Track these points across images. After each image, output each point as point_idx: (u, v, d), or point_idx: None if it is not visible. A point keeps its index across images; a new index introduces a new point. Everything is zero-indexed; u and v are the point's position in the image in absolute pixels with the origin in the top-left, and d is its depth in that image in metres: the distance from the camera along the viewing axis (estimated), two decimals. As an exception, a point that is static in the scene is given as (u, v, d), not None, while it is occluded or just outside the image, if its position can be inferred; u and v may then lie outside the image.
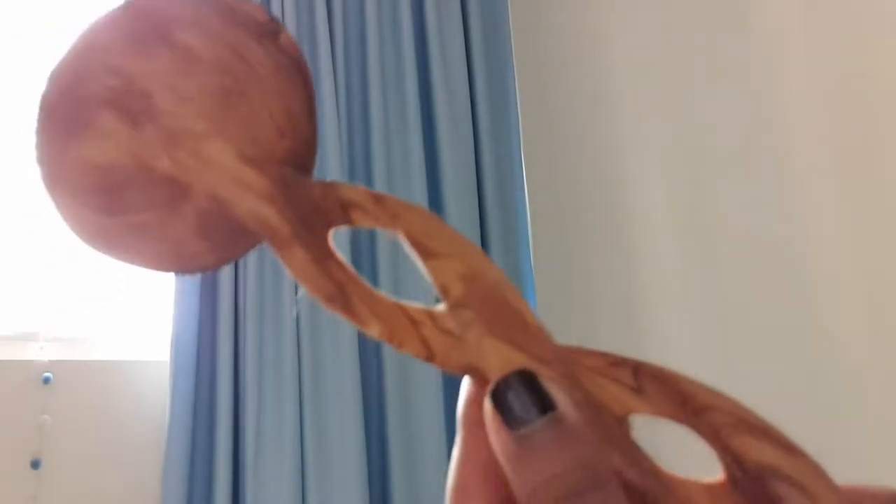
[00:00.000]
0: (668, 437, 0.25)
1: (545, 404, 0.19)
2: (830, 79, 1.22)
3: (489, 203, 1.94)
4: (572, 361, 0.22)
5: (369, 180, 1.84)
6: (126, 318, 1.76)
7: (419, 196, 1.84)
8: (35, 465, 1.54)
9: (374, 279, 1.77)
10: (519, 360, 0.22)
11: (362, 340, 1.75)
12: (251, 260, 1.69)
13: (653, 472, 0.21)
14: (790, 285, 1.26)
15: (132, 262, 0.26)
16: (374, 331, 0.24)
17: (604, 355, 0.23)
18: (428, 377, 1.75)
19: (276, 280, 1.70)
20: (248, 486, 1.58)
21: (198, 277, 1.67)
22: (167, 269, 0.25)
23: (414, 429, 1.73)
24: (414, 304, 0.24)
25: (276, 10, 1.82)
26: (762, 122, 1.33)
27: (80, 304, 1.72)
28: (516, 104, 2.04)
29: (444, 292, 0.24)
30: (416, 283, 0.27)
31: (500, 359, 0.22)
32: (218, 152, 0.24)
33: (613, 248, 1.66)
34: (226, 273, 1.68)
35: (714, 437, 0.21)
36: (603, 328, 1.68)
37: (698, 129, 1.47)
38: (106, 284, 1.75)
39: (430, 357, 0.23)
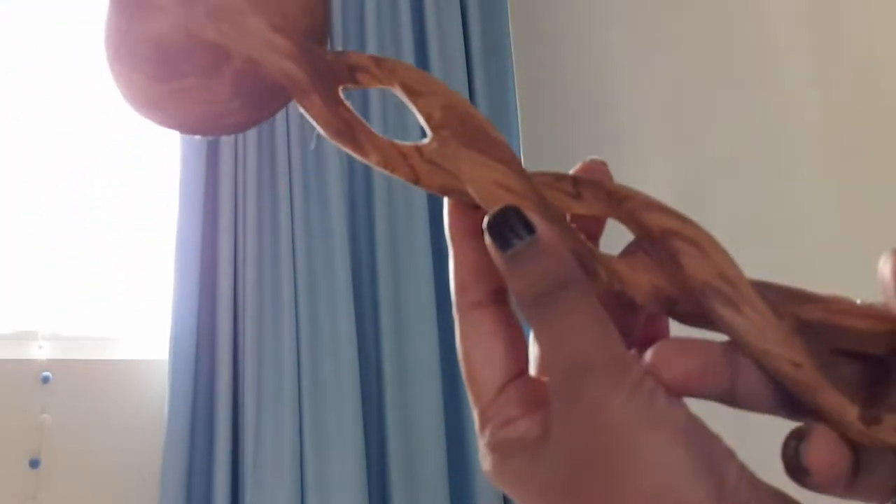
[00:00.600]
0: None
1: (528, 228, 0.26)
2: (829, 80, 1.22)
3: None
4: (529, 174, 0.28)
5: (369, 185, 1.84)
6: (125, 317, 1.76)
7: (418, 199, 1.84)
8: (34, 464, 1.54)
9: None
10: (492, 173, 0.28)
11: (362, 340, 1.75)
12: (250, 261, 1.69)
13: (587, 247, 0.28)
14: (788, 281, 1.26)
15: (175, 124, 0.30)
16: (372, 159, 0.29)
17: (549, 173, 0.29)
18: (427, 377, 1.75)
19: (274, 281, 1.70)
20: (246, 484, 1.58)
21: (196, 277, 1.67)
22: (205, 131, 0.30)
23: (413, 429, 1.73)
24: (406, 143, 0.29)
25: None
26: (761, 124, 1.33)
27: (78, 304, 1.72)
28: (516, 108, 2.04)
29: (428, 119, 0.29)
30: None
31: (475, 168, 0.28)
32: (255, 23, 0.29)
33: (614, 250, 1.66)
34: (225, 273, 1.68)
35: (629, 217, 0.28)
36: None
37: (698, 132, 1.47)
38: (105, 284, 1.75)
39: (416, 180, 0.29)
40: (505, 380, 0.27)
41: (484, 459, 0.27)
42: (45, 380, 1.59)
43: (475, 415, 0.28)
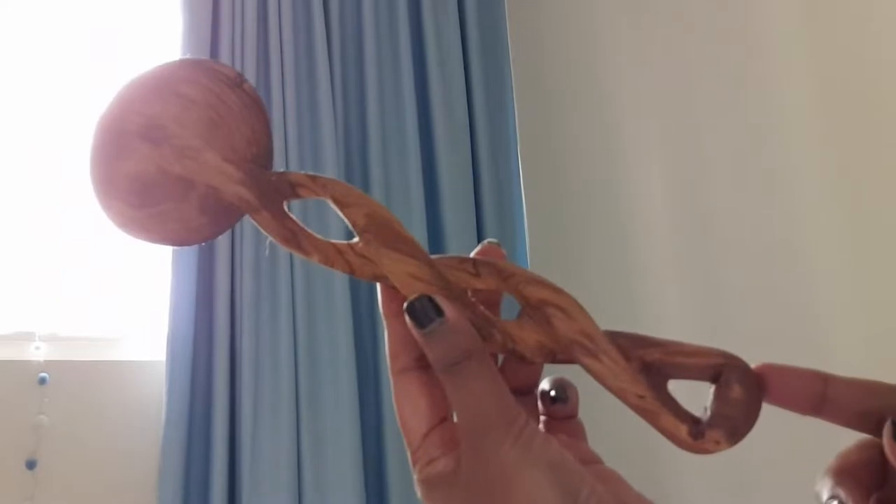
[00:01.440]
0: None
1: (438, 311, 0.33)
2: (827, 81, 1.22)
3: (486, 208, 1.93)
4: (437, 263, 0.35)
5: (366, 186, 1.84)
6: (122, 318, 1.76)
7: (415, 190, 1.84)
8: (31, 465, 1.54)
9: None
10: (406, 266, 0.35)
11: (359, 342, 1.75)
12: (247, 261, 1.69)
13: (485, 316, 0.35)
14: (787, 286, 1.26)
15: (155, 240, 0.37)
16: (315, 258, 0.36)
17: (455, 257, 0.36)
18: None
19: (271, 281, 1.70)
20: (244, 485, 1.58)
21: (194, 279, 1.67)
22: (180, 243, 0.37)
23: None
24: (340, 242, 0.37)
25: (272, 20, 1.82)
26: (760, 123, 1.33)
27: (76, 305, 1.72)
28: (513, 107, 2.04)
29: (354, 224, 0.37)
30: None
31: (393, 263, 0.35)
32: (210, 157, 0.37)
33: (611, 252, 1.66)
34: (222, 274, 1.68)
35: (515, 289, 0.35)
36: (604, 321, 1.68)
37: (696, 131, 1.48)
38: (102, 285, 1.75)
39: (351, 271, 0.36)
40: (428, 427, 0.35)
41: (417, 490, 0.34)
42: (42, 381, 1.58)
43: (409, 456, 0.35)
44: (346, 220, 0.37)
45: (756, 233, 1.33)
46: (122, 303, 1.76)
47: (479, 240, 1.92)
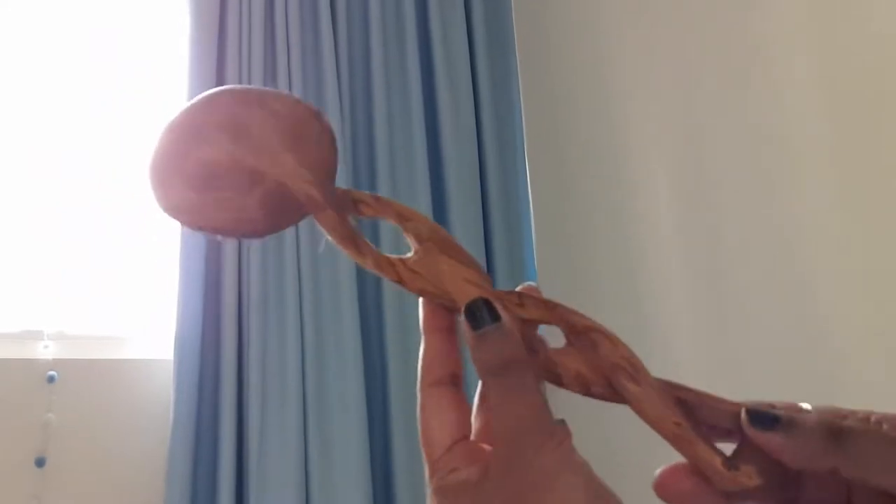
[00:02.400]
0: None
1: (494, 316, 0.34)
2: (833, 78, 1.22)
3: (493, 209, 1.93)
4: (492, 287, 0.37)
5: (373, 183, 1.84)
6: (130, 316, 1.77)
7: (422, 192, 1.84)
8: (39, 463, 1.55)
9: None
10: (463, 272, 0.37)
11: (366, 340, 1.75)
12: (255, 259, 1.69)
13: (532, 335, 0.36)
14: (793, 286, 1.26)
15: (202, 224, 0.39)
16: (368, 262, 0.38)
17: (499, 290, 0.37)
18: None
19: (279, 280, 1.70)
20: (251, 484, 1.58)
21: (202, 278, 1.67)
22: (228, 233, 0.39)
23: (417, 428, 1.73)
24: (394, 255, 0.39)
25: (279, 14, 1.82)
26: (765, 123, 1.33)
27: (84, 303, 1.73)
28: (520, 107, 2.04)
29: (417, 235, 0.39)
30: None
31: (451, 268, 0.37)
32: (287, 159, 0.39)
33: (617, 254, 1.66)
34: (229, 272, 1.68)
35: (560, 319, 0.37)
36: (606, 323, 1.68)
37: (702, 129, 1.47)
38: (110, 283, 1.75)
39: (400, 282, 0.38)
40: (452, 441, 0.36)
41: (431, 500, 0.35)
42: (51, 379, 1.59)
43: (426, 468, 0.36)
44: (408, 235, 0.39)
45: (762, 233, 1.32)
46: (129, 301, 1.77)
47: (487, 242, 1.92)
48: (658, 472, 0.34)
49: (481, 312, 0.34)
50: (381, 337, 1.77)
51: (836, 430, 0.31)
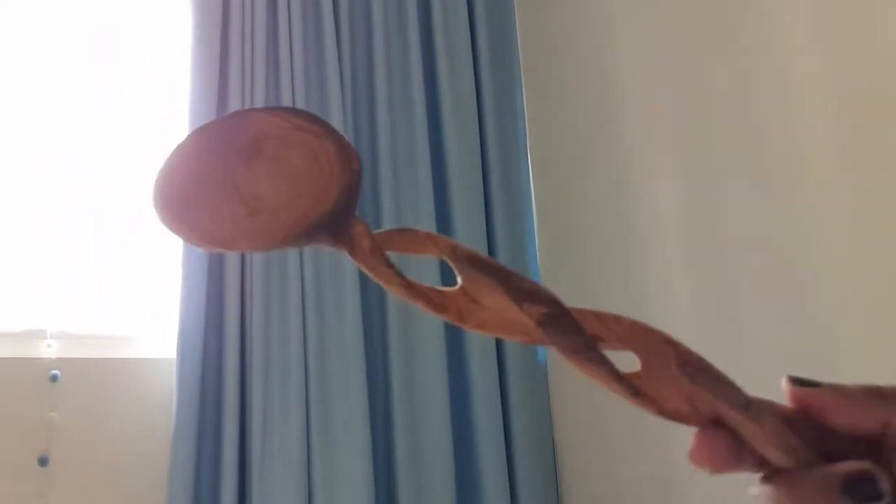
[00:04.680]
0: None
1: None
2: (840, 79, 1.22)
3: (495, 210, 1.93)
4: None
5: (375, 178, 1.84)
6: (133, 315, 1.77)
7: (424, 193, 1.84)
8: (43, 461, 1.55)
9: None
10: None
11: (368, 336, 1.75)
12: (257, 258, 1.69)
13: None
14: (794, 286, 1.26)
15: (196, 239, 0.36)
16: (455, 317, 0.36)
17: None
18: (433, 376, 1.75)
19: (282, 279, 1.70)
20: (254, 483, 1.58)
21: (204, 277, 1.67)
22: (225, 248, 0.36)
23: (420, 429, 1.73)
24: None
25: (282, 13, 1.82)
26: (771, 124, 1.33)
27: (87, 302, 1.73)
28: (523, 104, 2.04)
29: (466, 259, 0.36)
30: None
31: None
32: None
33: (620, 249, 1.66)
34: (232, 272, 1.68)
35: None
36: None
37: (705, 128, 1.47)
38: (113, 282, 1.75)
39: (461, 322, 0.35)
40: None
41: None
42: (54, 378, 1.59)
43: None
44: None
45: (764, 232, 1.32)
46: (132, 300, 1.77)
47: (490, 242, 1.91)
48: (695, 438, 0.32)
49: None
50: (383, 336, 1.77)
51: (880, 390, 0.29)
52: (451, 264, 0.36)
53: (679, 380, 0.32)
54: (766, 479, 0.30)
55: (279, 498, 1.58)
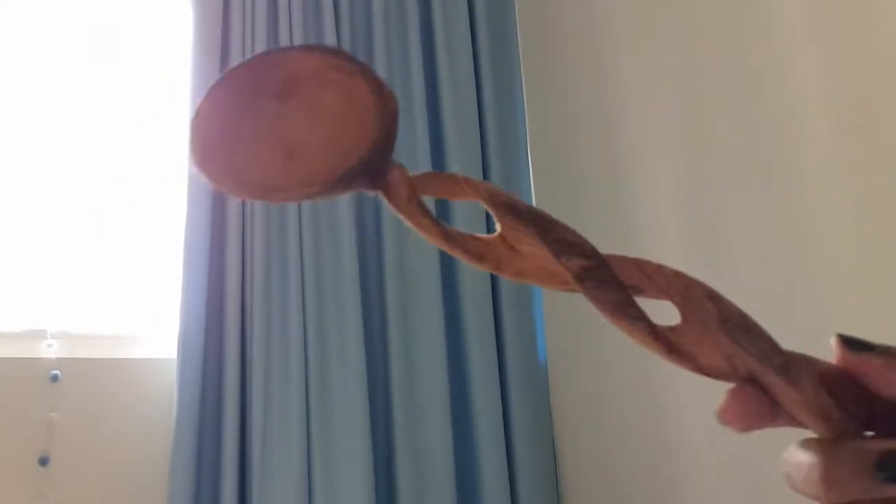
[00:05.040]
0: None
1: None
2: (839, 78, 1.22)
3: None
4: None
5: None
6: (133, 315, 1.77)
7: (427, 201, 1.84)
8: (43, 462, 1.55)
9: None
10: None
11: (369, 339, 1.75)
12: (258, 259, 1.69)
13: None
14: (796, 287, 1.26)
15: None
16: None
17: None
18: (434, 376, 1.75)
19: (282, 279, 1.70)
20: (254, 483, 1.58)
21: (205, 277, 1.67)
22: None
23: (420, 429, 1.73)
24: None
25: (283, 9, 1.82)
26: (770, 124, 1.33)
27: (87, 302, 1.73)
28: (523, 105, 2.04)
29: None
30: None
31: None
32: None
33: (621, 250, 1.66)
34: (233, 272, 1.68)
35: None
36: (610, 334, 1.68)
37: (706, 128, 1.47)
38: (113, 282, 1.75)
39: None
40: None
41: None
42: (54, 378, 1.59)
43: None
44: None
45: (766, 231, 1.32)
46: (133, 300, 1.77)
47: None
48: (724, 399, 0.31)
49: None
50: (384, 336, 1.77)
51: None
52: (490, 211, 0.35)
53: (718, 336, 0.32)
54: (802, 445, 0.29)
55: (279, 498, 1.58)
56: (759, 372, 0.30)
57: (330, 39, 1.84)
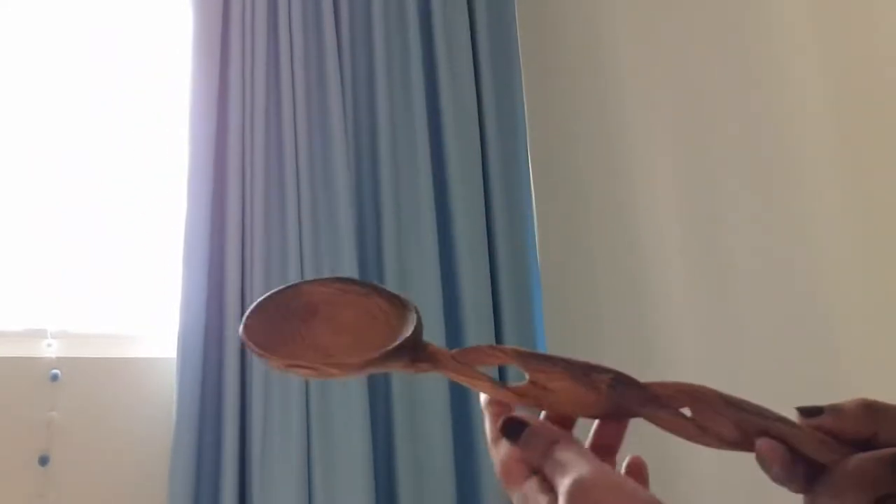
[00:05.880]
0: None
1: (521, 424, 0.42)
2: (839, 77, 1.22)
3: (496, 213, 1.93)
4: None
5: (376, 181, 1.84)
6: (133, 315, 1.77)
7: (425, 195, 1.84)
8: (43, 461, 1.55)
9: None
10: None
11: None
12: (257, 257, 1.69)
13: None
14: (796, 288, 1.26)
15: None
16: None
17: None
18: (434, 376, 1.75)
19: (282, 277, 1.70)
20: (254, 482, 1.58)
21: (205, 277, 1.67)
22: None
23: (421, 428, 1.73)
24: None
25: (282, 9, 1.82)
26: (770, 122, 1.33)
27: (87, 302, 1.73)
28: (523, 106, 2.04)
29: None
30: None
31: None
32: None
33: (620, 253, 1.66)
34: (232, 271, 1.68)
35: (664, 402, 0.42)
36: (610, 338, 1.68)
37: (706, 128, 1.47)
38: (113, 282, 1.76)
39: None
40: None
41: None
42: (54, 377, 1.59)
43: None
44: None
45: (766, 231, 1.32)
46: (133, 300, 1.77)
47: (490, 241, 1.91)
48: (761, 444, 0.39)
49: (512, 427, 0.41)
50: (383, 335, 1.77)
51: (872, 405, 0.38)
52: (518, 365, 0.43)
53: (726, 414, 0.40)
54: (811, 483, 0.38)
55: (279, 497, 1.58)
56: (769, 426, 0.39)
57: (330, 40, 1.84)
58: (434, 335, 1.77)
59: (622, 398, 0.41)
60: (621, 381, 0.41)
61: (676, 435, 0.41)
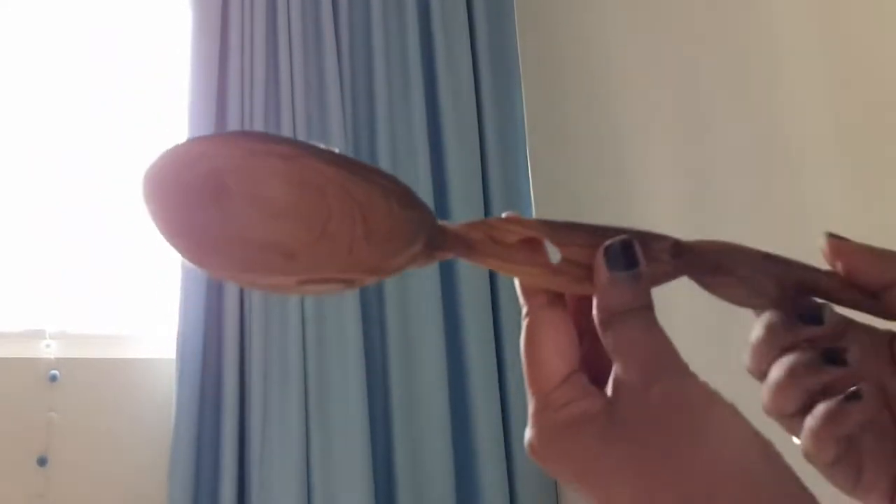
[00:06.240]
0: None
1: (635, 261, 0.34)
2: (837, 78, 1.22)
3: (496, 212, 1.93)
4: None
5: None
6: (132, 315, 1.77)
7: (424, 196, 1.84)
8: (42, 462, 1.55)
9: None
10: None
11: (368, 337, 1.75)
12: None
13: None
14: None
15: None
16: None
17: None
18: (433, 376, 1.75)
19: (282, 278, 1.70)
20: (253, 483, 1.58)
21: (204, 277, 1.67)
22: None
23: (419, 428, 1.73)
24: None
25: (281, 9, 1.82)
26: (769, 123, 1.33)
27: (86, 302, 1.73)
28: (522, 104, 2.04)
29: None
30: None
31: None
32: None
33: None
34: (232, 271, 1.68)
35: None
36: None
37: (706, 127, 1.47)
38: (112, 282, 1.75)
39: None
40: (569, 370, 0.33)
41: (540, 437, 0.32)
42: (53, 378, 1.59)
43: (532, 400, 0.33)
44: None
45: (765, 228, 1.32)
46: (132, 300, 1.77)
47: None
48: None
49: (623, 255, 0.34)
50: (383, 337, 1.77)
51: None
52: (552, 241, 0.35)
53: (765, 264, 0.38)
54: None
55: (279, 497, 1.58)
56: (804, 276, 0.38)
57: (329, 40, 1.84)
58: (433, 334, 1.77)
59: (688, 267, 0.36)
60: (680, 250, 0.37)
61: (726, 300, 0.38)
